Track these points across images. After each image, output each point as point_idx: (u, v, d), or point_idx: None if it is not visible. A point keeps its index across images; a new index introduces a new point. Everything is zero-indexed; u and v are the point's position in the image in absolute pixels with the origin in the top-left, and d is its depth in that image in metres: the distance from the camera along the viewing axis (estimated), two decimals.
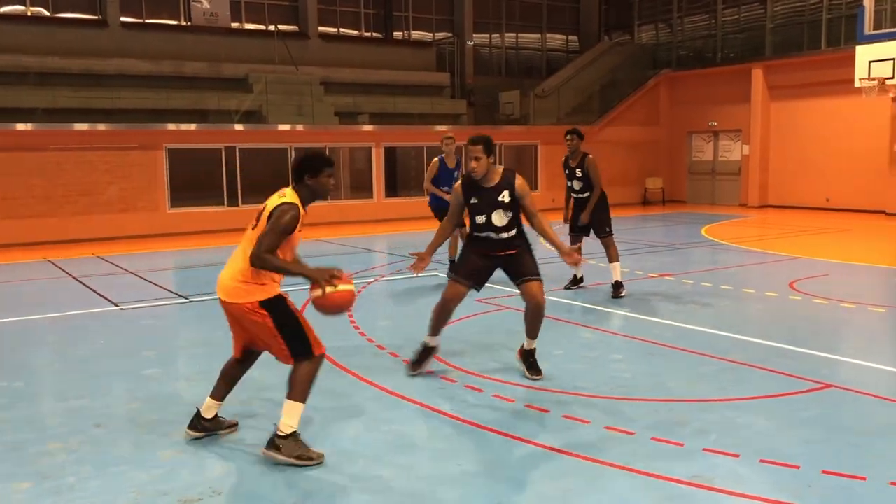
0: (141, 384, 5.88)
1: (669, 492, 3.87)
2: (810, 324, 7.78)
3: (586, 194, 9.00)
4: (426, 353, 5.89)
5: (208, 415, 4.62)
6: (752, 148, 22.25)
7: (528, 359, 5.83)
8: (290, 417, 4.22)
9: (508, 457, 4.43)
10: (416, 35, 25.10)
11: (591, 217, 8.97)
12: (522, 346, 5.90)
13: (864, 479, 3.94)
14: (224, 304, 4.34)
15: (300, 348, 4.23)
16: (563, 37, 27.65)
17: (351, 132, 19.96)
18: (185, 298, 9.48)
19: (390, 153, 20.58)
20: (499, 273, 5.82)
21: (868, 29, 12.04)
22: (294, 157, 4.46)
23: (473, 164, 5.49)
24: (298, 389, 4.23)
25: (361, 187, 20.23)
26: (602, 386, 5.56)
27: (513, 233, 5.65)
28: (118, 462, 4.35)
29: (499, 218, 5.56)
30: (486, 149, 5.49)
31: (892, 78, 17.41)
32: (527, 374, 5.76)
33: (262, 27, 22.36)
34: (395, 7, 24.51)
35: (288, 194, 4.27)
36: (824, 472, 4.04)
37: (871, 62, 17.55)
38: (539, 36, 27.16)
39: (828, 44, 20.33)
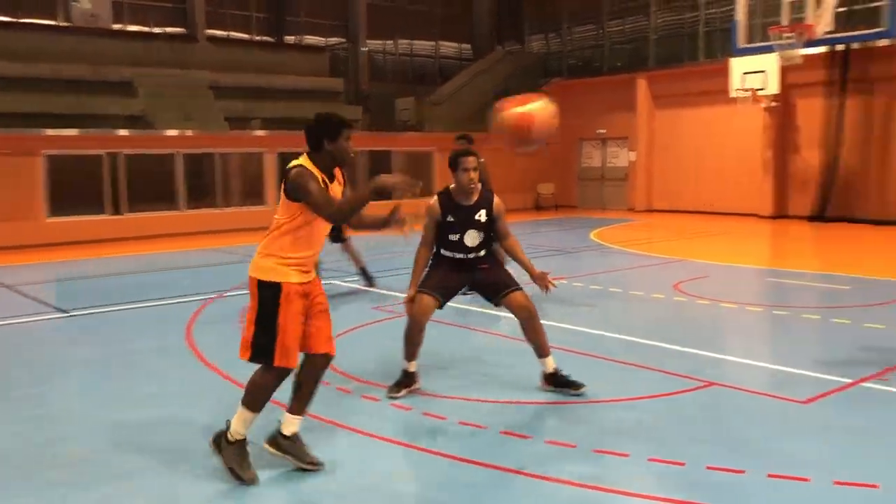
0: (14, 407, 5.53)
1: (561, 494, 3.94)
2: (694, 324, 8.13)
3: None
4: (405, 377, 5.52)
5: (287, 431, 4.20)
6: (638, 155, 23.14)
7: (559, 380, 5.48)
8: (238, 424, 4.02)
9: (401, 465, 4.40)
10: (309, 40, 24.81)
11: None
12: (543, 373, 5.54)
13: (743, 472, 4.14)
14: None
15: (260, 347, 3.94)
16: (457, 45, 27.96)
17: (242, 138, 19.51)
18: (66, 312, 9.00)
19: (285, 160, 20.21)
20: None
21: (741, 42, 12.78)
22: (308, 122, 4.37)
23: (472, 174, 5.31)
24: (251, 397, 4.02)
25: (254, 194, 19.81)
26: (497, 390, 5.62)
27: (482, 253, 5.49)
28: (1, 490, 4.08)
29: (471, 238, 5.42)
30: (478, 161, 5.34)
31: (764, 89, 18.52)
32: (574, 392, 5.42)
33: (147, 29, 21.57)
34: (287, 11, 24.14)
35: (300, 160, 3.99)
36: (708, 467, 4.21)
37: (744, 74, 18.61)
38: (433, 43, 27.36)
39: (706, 56, 21.38)
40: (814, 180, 19.23)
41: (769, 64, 17.47)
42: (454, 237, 5.41)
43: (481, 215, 5.41)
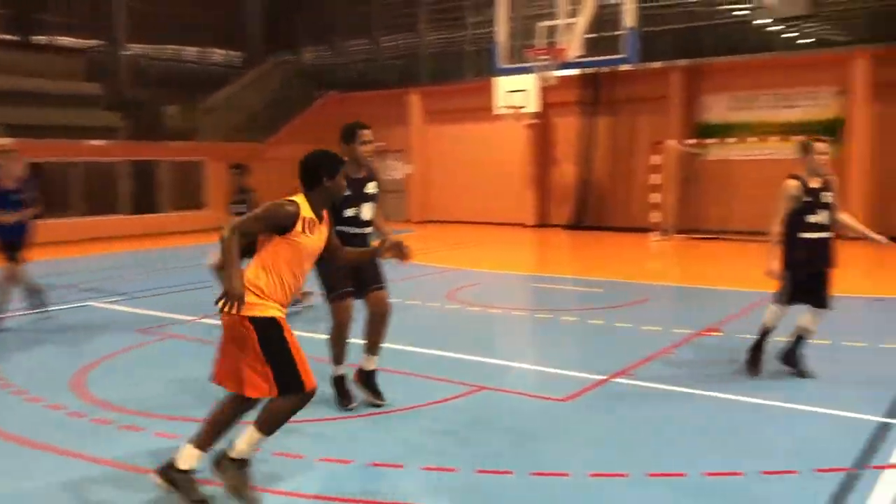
0: None
1: None
2: (465, 330, 8.45)
3: None
4: (341, 384, 5.53)
5: (184, 465, 3.89)
6: (414, 167, 23.76)
7: (372, 382, 5.57)
8: (247, 444, 3.85)
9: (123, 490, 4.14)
10: (63, 41, 22.82)
11: None
12: (361, 368, 5.59)
13: (511, 473, 4.34)
14: (222, 317, 3.84)
15: (289, 380, 3.78)
16: (227, 52, 27.05)
17: None
18: None
19: (36, 170, 18.38)
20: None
21: (502, 62, 13.58)
22: (301, 160, 4.05)
23: (370, 147, 5.38)
24: (271, 421, 3.83)
25: None
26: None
27: (371, 229, 5.46)
28: None
29: (367, 211, 5.37)
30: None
31: (525, 107, 19.75)
32: (374, 399, 5.53)
33: None
34: (35, 9, 22.05)
35: (296, 198, 3.95)
36: (478, 471, 4.37)
37: (507, 92, 19.72)
38: (202, 50, 26.28)
39: (474, 73, 22.38)
40: (571, 192, 20.84)
41: (530, 83, 18.67)
42: (351, 212, 5.32)
43: (371, 188, 5.44)
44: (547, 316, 9.06)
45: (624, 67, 18.62)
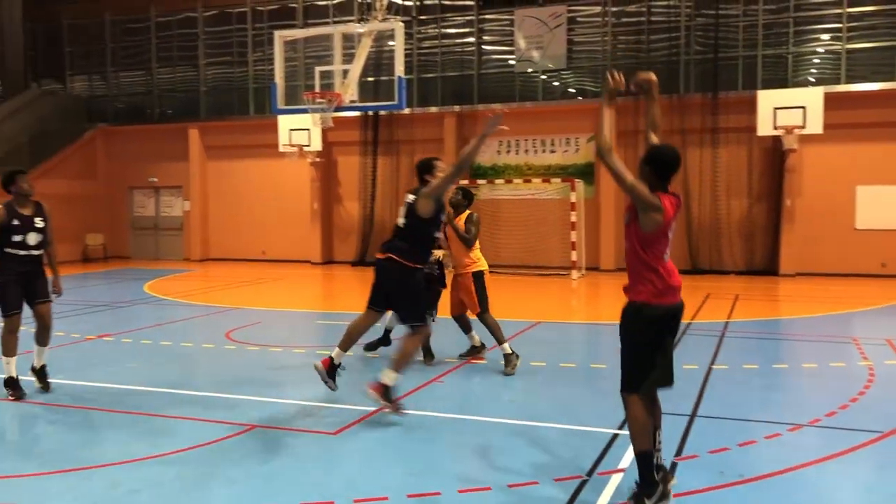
0: None
1: None
2: (241, 370, 8.41)
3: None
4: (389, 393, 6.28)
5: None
6: (193, 204, 23.05)
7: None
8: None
9: None
10: None
11: None
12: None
13: None
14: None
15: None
16: None
17: None
18: None
19: None
20: None
21: (280, 104, 13.95)
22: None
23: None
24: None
25: None
26: (23, 463, 5.21)
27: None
28: None
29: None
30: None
31: (309, 146, 20.02)
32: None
33: None
34: None
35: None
36: None
37: (291, 130, 19.88)
38: None
39: (256, 111, 22.26)
40: (355, 229, 21.26)
41: (312, 123, 18.93)
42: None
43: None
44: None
45: (405, 111, 19.48)
